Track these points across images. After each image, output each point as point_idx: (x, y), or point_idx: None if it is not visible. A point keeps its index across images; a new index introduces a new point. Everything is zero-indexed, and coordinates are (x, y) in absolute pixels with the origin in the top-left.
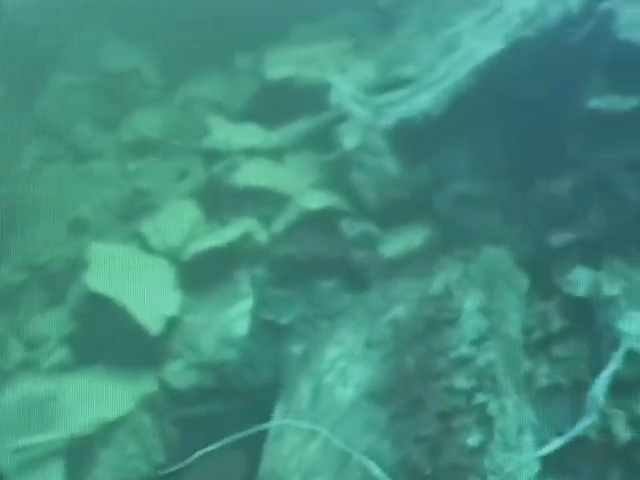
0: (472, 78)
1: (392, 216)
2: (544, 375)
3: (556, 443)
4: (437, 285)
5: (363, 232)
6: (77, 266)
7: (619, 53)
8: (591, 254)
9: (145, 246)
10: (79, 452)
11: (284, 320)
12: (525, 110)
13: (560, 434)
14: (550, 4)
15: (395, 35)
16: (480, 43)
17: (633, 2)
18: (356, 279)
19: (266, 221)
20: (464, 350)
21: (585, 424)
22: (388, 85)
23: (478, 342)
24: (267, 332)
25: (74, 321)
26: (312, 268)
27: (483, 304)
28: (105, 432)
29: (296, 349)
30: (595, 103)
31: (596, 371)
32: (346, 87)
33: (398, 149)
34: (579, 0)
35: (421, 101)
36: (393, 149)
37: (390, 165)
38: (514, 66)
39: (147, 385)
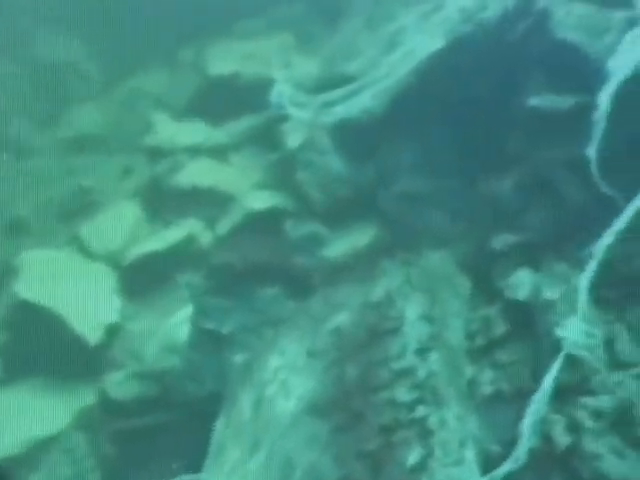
0: (413, 76)
1: (338, 215)
2: (488, 382)
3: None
4: (379, 291)
5: (308, 233)
6: (9, 272)
7: (556, 52)
8: (532, 256)
9: (84, 250)
10: (5, 476)
11: (225, 329)
12: (467, 107)
13: (502, 443)
14: (489, 1)
15: (339, 29)
16: (421, 40)
17: (568, 1)
18: (299, 285)
19: (210, 222)
20: (406, 360)
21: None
22: (331, 82)
23: (420, 352)
24: (208, 341)
25: (5, 332)
26: (253, 275)
27: (425, 311)
28: (35, 453)
29: (238, 359)
30: (534, 101)
31: (538, 377)
32: (285, 88)
33: (343, 147)
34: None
35: (362, 100)
36: (338, 147)
37: (335, 163)
38: (455, 63)
39: (85, 398)
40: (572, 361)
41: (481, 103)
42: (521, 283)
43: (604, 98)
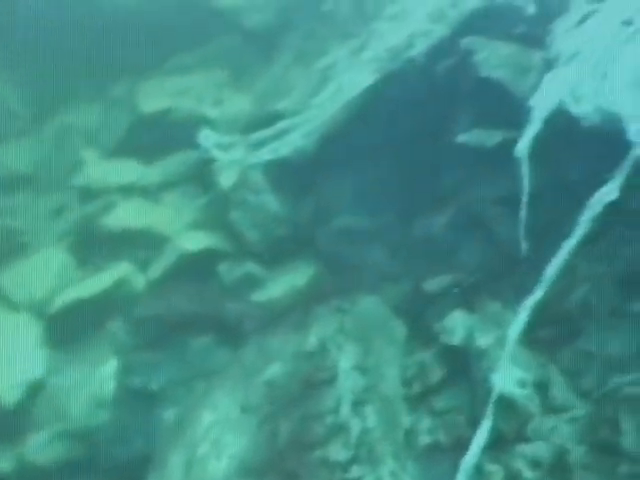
0: (344, 113)
1: (275, 254)
2: (425, 431)
3: None
4: (312, 340)
5: (243, 274)
6: None
7: (482, 89)
8: (467, 297)
9: (6, 300)
10: None
11: (154, 385)
12: (400, 144)
13: None
14: (416, 38)
15: (272, 64)
16: (351, 77)
17: (492, 40)
18: (232, 333)
19: (143, 265)
20: (340, 415)
21: None
22: (263, 120)
23: (354, 405)
24: (136, 399)
25: None
26: (183, 325)
27: (359, 361)
28: None
29: (169, 416)
30: (463, 138)
31: (475, 425)
32: (211, 133)
33: (278, 186)
34: (442, 35)
35: (294, 138)
36: (272, 186)
37: (270, 202)
38: (385, 100)
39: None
40: (507, 407)
41: (413, 139)
42: (456, 327)
43: (524, 142)
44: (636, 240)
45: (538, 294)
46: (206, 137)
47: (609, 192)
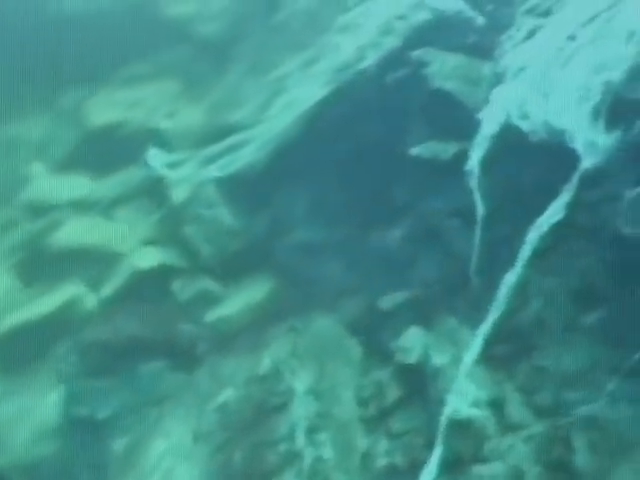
0: (297, 126)
1: (230, 270)
2: (382, 453)
3: None
4: (266, 363)
5: (198, 292)
6: None
7: (434, 101)
8: (423, 313)
9: None
10: None
11: (102, 414)
12: (355, 156)
13: None
14: (367, 50)
15: (225, 75)
16: (303, 89)
17: (443, 52)
18: (185, 357)
19: (94, 285)
20: (294, 443)
21: None
22: (217, 132)
23: (309, 432)
24: (83, 429)
25: None
26: (132, 350)
27: (313, 385)
28: None
29: (118, 446)
30: (417, 150)
31: (432, 446)
32: (158, 152)
33: (232, 200)
34: (393, 47)
35: (247, 152)
36: (227, 200)
37: (225, 216)
38: (338, 112)
39: None
40: (463, 428)
41: (367, 151)
42: (411, 345)
43: (474, 157)
44: (588, 253)
45: (493, 311)
46: (154, 156)
47: (556, 210)
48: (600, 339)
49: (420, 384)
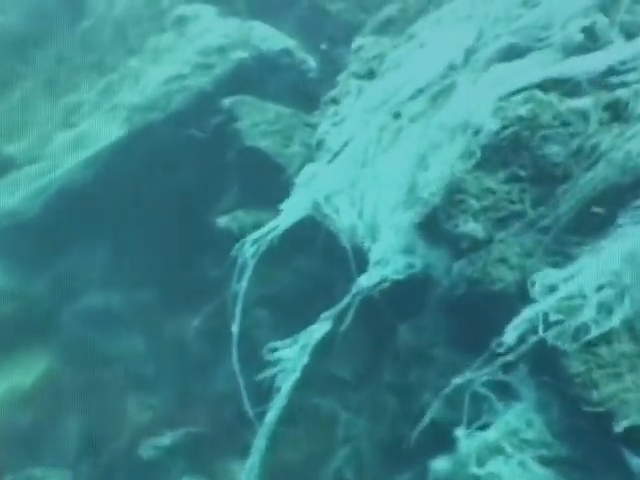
0: (88, 169)
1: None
2: None
3: None
4: None
5: None
6: None
7: (247, 159)
8: (196, 456)
9: None
10: None
11: None
12: (158, 209)
13: None
14: (174, 86)
15: (12, 89)
16: (98, 124)
17: (260, 101)
18: None
19: None
20: None
21: None
22: None
23: None
24: None
25: None
26: None
27: None
28: None
29: None
30: (225, 221)
31: None
32: None
33: (4, 255)
34: (204, 89)
35: (20, 196)
36: None
37: None
38: (136, 158)
39: None
40: None
41: (170, 209)
42: None
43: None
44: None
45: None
46: None
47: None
48: None
49: None
